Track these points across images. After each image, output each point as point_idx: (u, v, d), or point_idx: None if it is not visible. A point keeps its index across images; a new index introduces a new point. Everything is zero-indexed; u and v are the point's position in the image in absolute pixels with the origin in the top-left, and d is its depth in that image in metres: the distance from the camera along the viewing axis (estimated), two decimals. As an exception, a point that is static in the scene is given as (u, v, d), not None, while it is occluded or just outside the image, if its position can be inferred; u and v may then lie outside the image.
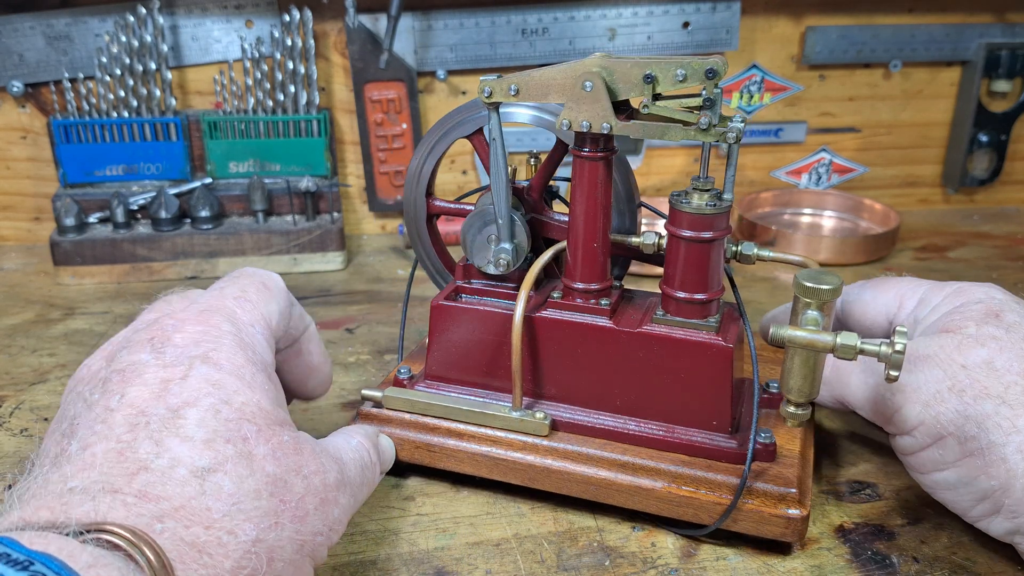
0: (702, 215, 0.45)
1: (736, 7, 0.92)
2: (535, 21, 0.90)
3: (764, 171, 1.03)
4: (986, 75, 0.98)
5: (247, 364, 0.39)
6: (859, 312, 0.53)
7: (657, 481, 0.47)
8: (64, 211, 0.83)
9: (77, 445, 0.34)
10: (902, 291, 0.51)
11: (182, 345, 0.38)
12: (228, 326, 0.40)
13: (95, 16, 0.85)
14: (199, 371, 0.37)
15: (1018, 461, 0.41)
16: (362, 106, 0.91)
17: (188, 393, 0.36)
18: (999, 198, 1.07)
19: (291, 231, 0.86)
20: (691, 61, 0.42)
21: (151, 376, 0.37)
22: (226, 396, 0.37)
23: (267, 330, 0.42)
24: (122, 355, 0.38)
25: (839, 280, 0.42)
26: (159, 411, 0.35)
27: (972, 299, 0.47)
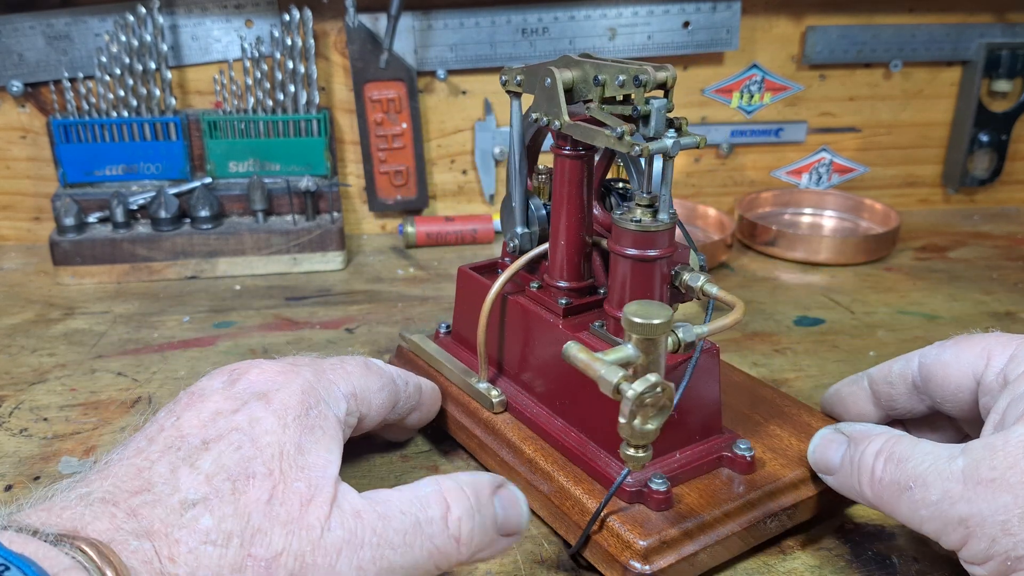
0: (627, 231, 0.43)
1: (736, 7, 0.92)
2: (535, 21, 0.90)
3: (764, 171, 1.03)
4: (986, 75, 0.98)
5: (298, 407, 0.39)
6: (940, 375, 0.45)
7: (546, 487, 0.47)
8: (64, 211, 0.83)
9: (118, 455, 0.37)
10: (989, 346, 0.44)
11: (254, 382, 0.40)
12: (308, 374, 0.41)
13: (95, 16, 0.85)
14: (250, 407, 0.38)
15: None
16: (362, 106, 0.91)
17: (226, 427, 0.37)
18: (999, 198, 1.07)
19: (291, 231, 0.86)
20: (640, 68, 0.41)
21: (210, 405, 0.38)
22: (255, 434, 0.37)
23: (351, 396, 0.43)
24: (203, 379, 0.41)
25: (669, 314, 0.38)
26: (195, 441, 0.36)
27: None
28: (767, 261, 0.90)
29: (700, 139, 0.42)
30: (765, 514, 0.45)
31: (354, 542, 0.35)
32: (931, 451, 0.39)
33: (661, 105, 0.41)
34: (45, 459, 0.55)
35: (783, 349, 0.70)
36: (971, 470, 0.37)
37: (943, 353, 0.46)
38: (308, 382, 0.41)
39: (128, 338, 0.72)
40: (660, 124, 0.41)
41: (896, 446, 0.41)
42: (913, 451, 0.40)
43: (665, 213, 0.43)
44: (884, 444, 0.41)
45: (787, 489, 0.46)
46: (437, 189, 0.98)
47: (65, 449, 0.56)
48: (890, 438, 0.41)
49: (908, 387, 0.48)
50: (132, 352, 0.70)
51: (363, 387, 0.44)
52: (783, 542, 0.47)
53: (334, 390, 0.42)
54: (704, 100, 0.98)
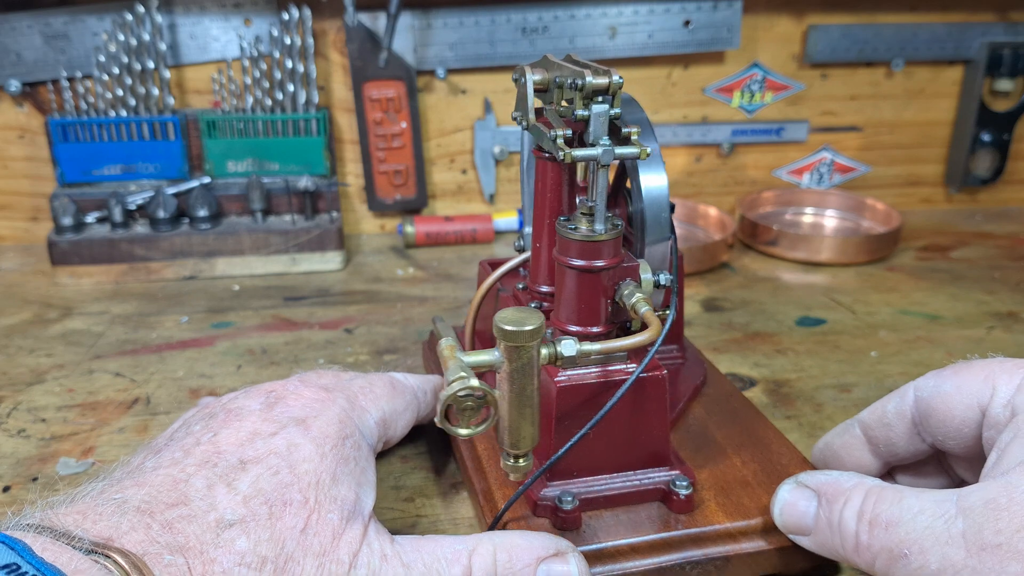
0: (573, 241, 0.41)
1: (738, 5, 0.91)
2: (535, 19, 0.90)
3: (766, 170, 1.02)
4: (988, 74, 0.98)
5: (335, 438, 0.39)
6: (943, 410, 0.40)
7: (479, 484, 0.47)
8: (62, 211, 0.83)
9: (152, 463, 0.37)
10: (994, 373, 0.39)
11: (292, 406, 0.40)
12: (343, 402, 0.42)
13: (93, 15, 0.85)
14: (288, 432, 0.38)
15: None
16: (361, 105, 0.91)
17: (264, 450, 0.37)
18: (1002, 198, 1.07)
19: (290, 231, 0.86)
20: (581, 72, 0.41)
21: (248, 425, 0.39)
22: (293, 460, 0.37)
23: (381, 423, 0.43)
24: (240, 397, 0.41)
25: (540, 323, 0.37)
26: (232, 459, 0.37)
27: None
28: (768, 261, 0.89)
29: (641, 150, 0.40)
30: (685, 560, 0.41)
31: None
32: (922, 509, 0.34)
33: (601, 111, 0.40)
34: (43, 460, 0.55)
35: (784, 350, 0.69)
36: (973, 534, 0.32)
37: (943, 384, 0.40)
38: (344, 410, 0.41)
39: (126, 338, 0.72)
40: (599, 130, 0.40)
41: (878, 505, 0.35)
42: (901, 511, 0.35)
43: (601, 224, 0.41)
44: (864, 503, 0.36)
45: (720, 538, 0.42)
46: (436, 189, 0.98)
47: (63, 450, 0.55)
48: (868, 493, 0.36)
49: (908, 427, 0.42)
50: (130, 352, 0.69)
51: (391, 411, 0.45)
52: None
53: (367, 418, 0.42)
54: (705, 99, 0.98)
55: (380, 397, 0.45)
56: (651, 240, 0.46)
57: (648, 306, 0.41)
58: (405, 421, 0.46)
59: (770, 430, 0.50)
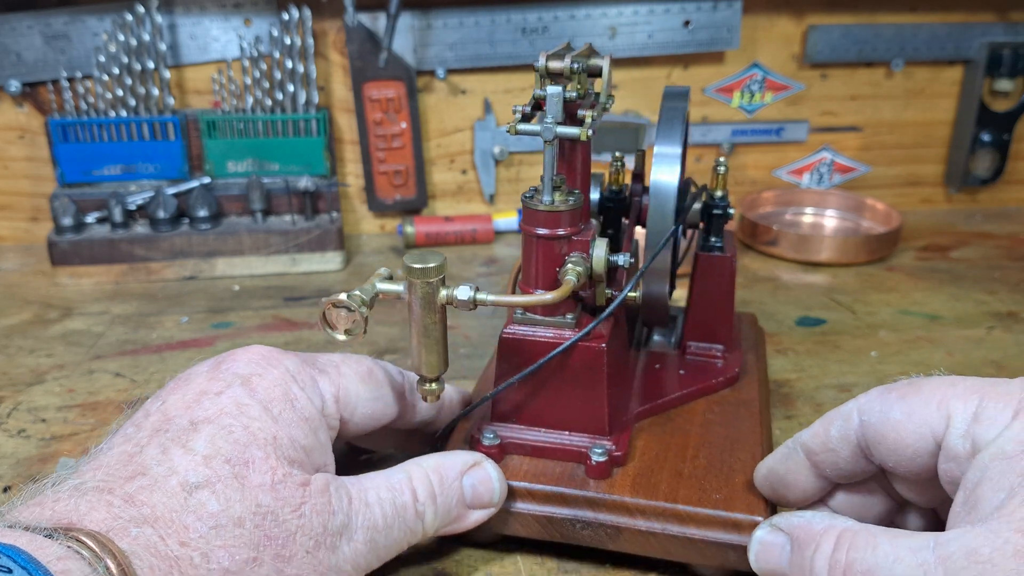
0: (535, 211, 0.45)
1: (737, 5, 0.91)
2: (535, 19, 0.90)
3: (766, 170, 1.02)
4: (988, 74, 0.98)
5: (283, 400, 0.39)
6: (892, 438, 0.37)
7: None
8: (62, 211, 0.83)
9: (107, 445, 0.37)
10: (947, 400, 0.36)
11: (237, 362, 0.40)
12: (290, 363, 0.41)
13: (93, 15, 0.85)
14: (233, 391, 0.38)
15: None
16: (361, 105, 0.91)
17: (213, 409, 0.37)
18: (1002, 198, 1.07)
19: (290, 231, 0.86)
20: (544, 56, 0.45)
21: (194, 387, 0.38)
22: (245, 421, 0.37)
23: (334, 398, 0.42)
24: (196, 363, 0.41)
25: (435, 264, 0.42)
26: (182, 422, 0.36)
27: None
28: (768, 261, 0.89)
29: (581, 131, 0.43)
30: (575, 517, 0.44)
31: (351, 526, 0.38)
32: (898, 558, 0.32)
33: (554, 92, 0.43)
34: (43, 460, 0.55)
35: (784, 350, 0.69)
36: (950, 561, 0.30)
37: (891, 411, 0.37)
38: (288, 372, 0.40)
39: (126, 339, 0.72)
40: (554, 110, 0.43)
41: (852, 552, 0.33)
42: (877, 559, 0.32)
43: (548, 196, 0.44)
44: (835, 550, 0.34)
45: (616, 508, 0.44)
46: (436, 189, 0.98)
47: (63, 450, 0.55)
48: (840, 538, 0.34)
49: (853, 450, 0.39)
50: (130, 353, 0.69)
51: (351, 392, 0.43)
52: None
53: (318, 386, 0.41)
54: (705, 99, 0.98)
55: (344, 375, 0.43)
56: (653, 228, 0.49)
57: (573, 276, 0.44)
58: (368, 411, 0.44)
59: (753, 439, 0.49)
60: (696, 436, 0.50)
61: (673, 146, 0.49)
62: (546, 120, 0.43)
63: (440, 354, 0.44)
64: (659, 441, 0.49)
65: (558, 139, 0.43)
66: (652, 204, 0.49)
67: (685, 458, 0.48)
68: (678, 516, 0.44)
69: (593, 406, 0.47)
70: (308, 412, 0.39)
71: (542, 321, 0.47)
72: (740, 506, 0.43)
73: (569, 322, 0.46)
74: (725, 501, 0.44)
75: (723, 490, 0.45)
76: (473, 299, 0.43)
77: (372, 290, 0.43)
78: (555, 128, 0.43)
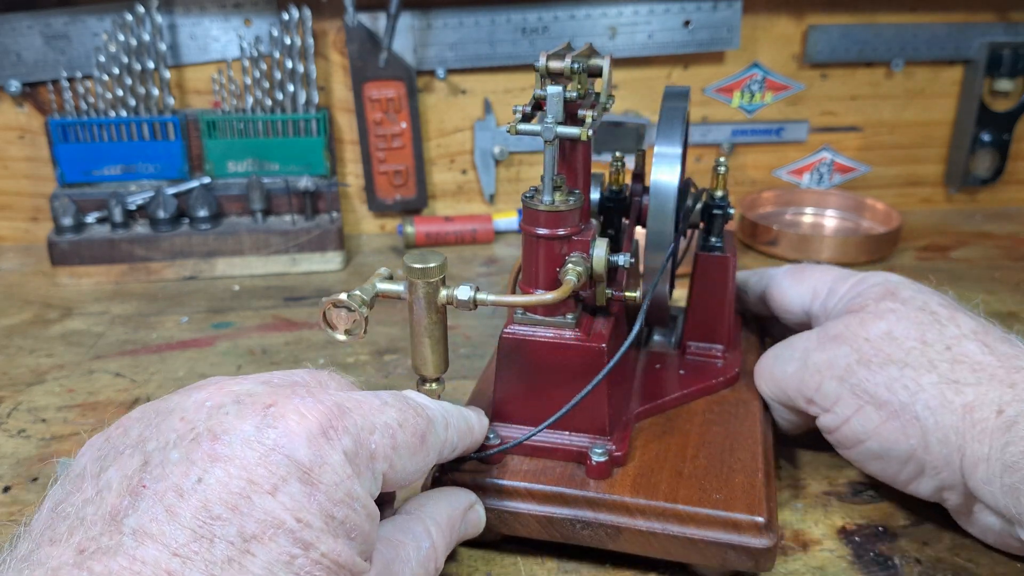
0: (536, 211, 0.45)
1: (737, 5, 0.91)
2: (535, 19, 0.90)
3: (766, 170, 1.02)
4: (988, 74, 0.98)
5: (344, 503, 0.33)
6: (778, 297, 0.58)
7: None
8: (62, 211, 0.83)
9: (132, 526, 0.29)
10: (815, 283, 0.56)
11: (293, 441, 0.32)
12: (347, 441, 0.34)
13: (93, 15, 0.85)
14: (291, 491, 0.31)
15: (927, 417, 0.44)
16: (361, 105, 0.91)
17: (267, 522, 0.30)
18: (1002, 198, 1.07)
19: (290, 231, 0.86)
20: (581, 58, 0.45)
21: (238, 469, 0.31)
22: (307, 539, 0.31)
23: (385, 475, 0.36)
24: (228, 411, 0.33)
25: (436, 264, 0.42)
26: (229, 532, 0.30)
27: (871, 283, 0.52)
28: (768, 261, 0.89)
29: (582, 131, 0.43)
30: (575, 517, 0.44)
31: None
32: (797, 335, 0.54)
33: (555, 92, 0.43)
34: (43, 460, 0.55)
35: (784, 349, 0.69)
36: (821, 333, 0.51)
37: (784, 280, 0.58)
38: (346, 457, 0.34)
39: (126, 339, 0.72)
40: (555, 110, 0.43)
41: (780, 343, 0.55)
42: (787, 339, 0.54)
43: (548, 196, 0.44)
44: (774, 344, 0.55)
45: (616, 508, 0.44)
46: (436, 189, 0.98)
47: (63, 450, 0.55)
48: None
49: (756, 298, 0.61)
50: (130, 353, 0.69)
51: (398, 470, 0.37)
52: (783, 542, 0.47)
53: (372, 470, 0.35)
54: (705, 99, 0.98)
55: (398, 450, 0.37)
56: (653, 228, 0.49)
57: (573, 276, 0.44)
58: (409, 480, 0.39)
59: (752, 439, 0.49)
60: (696, 436, 0.50)
61: (673, 146, 0.49)
62: (546, 120, 0.43)
63: (440, 354, 0.45)
64: (659, 441, 0.49)
65: (558, 139, 0.43)
66: (652, 204, 0.49)
67: (685, 458, 0.48)
68: (678, 516, 0.44)
69: (593, 406, 0.47)
70: (368, 507, 0.34)
71: (542, 321, 0.47)
72: (740, 506, 0.43)
73: (569, 322, 0.46)
74: (725, 501, 0.44)
75: (723, 490, 0.45)
76: (473, 299, 0.43)
77: (372, 290, 0.43)
78: (555, 128, 0.43)
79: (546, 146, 0.44)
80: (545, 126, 0.43)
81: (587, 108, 0.44)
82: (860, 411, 0.47)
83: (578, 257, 0.45)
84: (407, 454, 0.37)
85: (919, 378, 0.45)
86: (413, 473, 0.38)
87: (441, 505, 0.42)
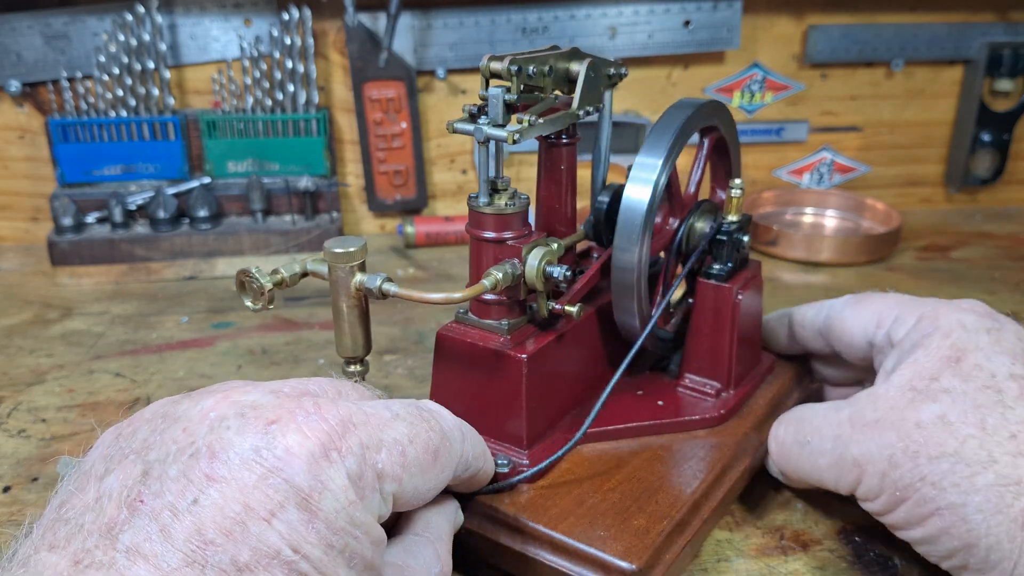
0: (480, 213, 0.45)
1: (737, 5, 0.91)
2: (535, 19, 0.90)
3: (766, 170, 1.02)
4: (989, 74, 0.98)
5: (344, 532, 0.31)
6: (839, 330, 0.52)
7: None
8: (62, 211, 0.83)
9: (126, 543, 0.29)
10: (879, 309, 0.50)
11: (293, 455, 0.31)
12: (351, 462, 0.32)
13: (93, 15, 0.85)
14: (288, 518, 0.30)
15: (979, 522, 0.39)
16: (361, 105, 0.91)
17: (261, 551, 0.29)
18: (1002, 198, 1.07)
19: (290, 231, 0.86)
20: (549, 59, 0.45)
21: (235, 492, 0.30)
22: (302, 572, 0.30)
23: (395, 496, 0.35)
24: (229, 425, 0.32)
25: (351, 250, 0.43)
26: (222, 559, 0.29)
27: (941, 331, 0.45)
28: (768, 261, 0.89)
29: (508, 135, 0.42)
30: (463, 525, 0.43)
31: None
32: (825, 410, 0.46)
33: (495, 93, 0.43)
34: (43, 460, 0.55)
35: (785, 349, 0.69)
36: (857, 416, 0.44)
37: (844, 310, 0.52)
38: (349, 478, 0.32)
39: (126, 339, 0.72)
40: (495, 111, 0.43)
41: (796, 411, 0.48)
42: (811, 412, 0.47)
43: (484, 197, 0.45)
44: (787, 413, 0.49)
45: (498, 523, 0.43)
46: (436, 189, 0.98)
47: (63, 450, 0.55)
48: (795, 408, 0.49)
49: (815, 333, 0.54)
50: (130, 353, 0.69)
51: (408, 490, 0.35)
52: (784, 542, 0.47)
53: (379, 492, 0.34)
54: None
55: (408, 467, 0.35)
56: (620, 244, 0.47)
57: (488, 280, 0.43)
58: (422, 501, 0.37)
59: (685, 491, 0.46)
60: (630, 471, 0.47)
61: (653, 158, 0.47)
62: (482, 121, 0.43)
63: (356, 337, 0.45)
64: (590, 466, 0.47)
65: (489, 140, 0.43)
66: (620, 221, 0.47)
67: (600, 490, 0.45)
68: (553, 544, 0.42)
69: (512, 416, 0.46)
70: (372, 533, 0.33)
71: (478, 324, 0.47)
72: (617, 549, 0.41)
73: (502, 328, 0.46)
74: (604, 540, 0.41)
75: (612, 529, 0.42)
76: (379, 288, 0.43)
77: (295, 268, 0.45)
78: (484, 129, 0.43)
79: (479, 147, 0.43)
80: (476, 127, 0.43)
81: (537, 113, 0.43)
82: (904, 504, 0.41)
83: (510, 263, 0.44)
84: (418, 472, 0.35)
85: (974, 476, 0.39)
86: (426, 492, 0.37)
87: (442, 520, 0.40)
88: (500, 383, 0.45)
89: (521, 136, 0.42)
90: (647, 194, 0.46)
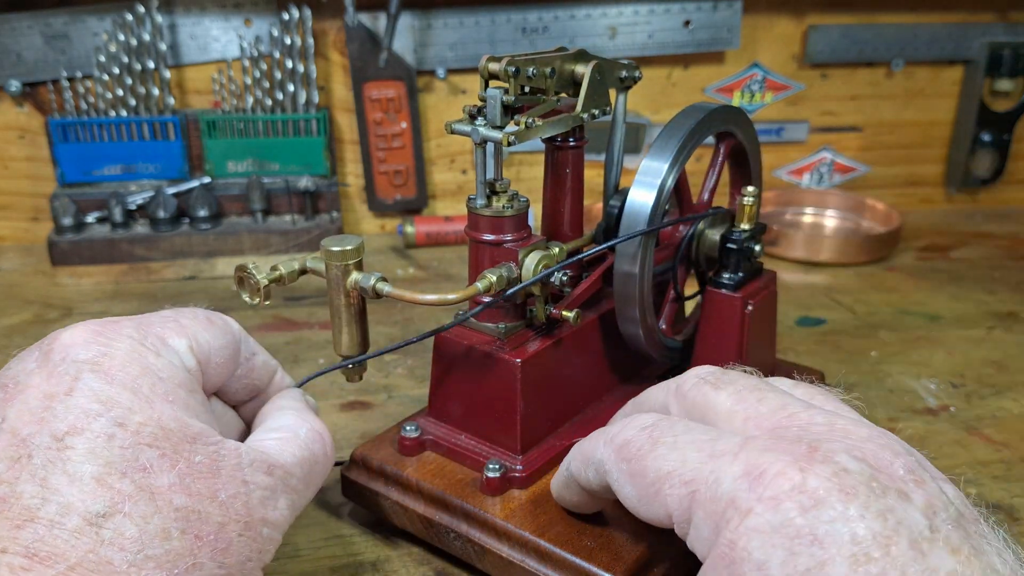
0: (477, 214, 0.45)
1: (737, 6, 0.92)
2: (535, 19, 0.90)
3: (766, 170, 1.02)
4: (989, 74, 0.98)
5: (145, 374, 0.33)
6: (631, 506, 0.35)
7: None
8: (62, 211, 0.83)
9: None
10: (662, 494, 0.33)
11: (71, 348, 0.33)
12: (130, 330, 0.35)
13: (93, 15, 0.85)
14: (86, 383, 0.32)
15: None
16: (361, 105, 0.91)
17: (74, 415, 0.31)
18: (1002, 198, 1.07)
19: (290, 231, 0.86)
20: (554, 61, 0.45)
21: (34, 392, 0.32)
22: (119, 416, 0.31)
23: (192, 349, 0.37)
24: (12, 361, 0.34)
25: (350, 248, 0.44)
26: (43, 440, 0.30)
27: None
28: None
29: (504, 137, 0.41)
30: (451, 527, 0.43)
31: (273, 496, 0.36)
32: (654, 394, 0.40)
33: (494, 94, 0.42)
34: (42, 460, 0.55)
35: (785, 350, 0.69)
36: None
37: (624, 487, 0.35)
38: (134, 340, 0.35)
39: (126, 338, 0.72)
40: (493, 112, 0.42)
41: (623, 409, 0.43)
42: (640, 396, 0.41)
43: (481, 199, 0.44)
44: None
45: (487, 528, 0.43)
46: (437, 189, 0.98)
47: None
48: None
49: (607, 490, 0.37)
50: (130, 353, 0.69)
51: (201, 339, 0.38)
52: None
53: (171, 343, 0.36)
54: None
55: (186, 327, 0.38)
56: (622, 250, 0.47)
57: (482, 282, 0.43)
58: (222, 357, 0.39)
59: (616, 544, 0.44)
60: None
61: (658, 162, 0.47)
62: (479, 123, 0.43)
63: (351, 335, 0.45)
64: None
65: (486, 142, 0.43)
66: (623, 227, 0.47)
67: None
68: (539, 552, 0.41)
69: (507, 421, 0.45)
70: (177, 376, 0.35)
71: (476, 326, 0.46)
72: (601, 559, 0.40)
73: (499, 331, 0.45)
74: (590, 550, 0.41)
75: (599, 539, 0.41)
76: (373, 287, 0.43)
77: (293, 265, 0.45)
78: (481, 130, 0.42)
79: (476, 148, 0.43)
80: (473, 128, 0.43)
81: (539, 115, 0.43)
82: None
83: (506, 266, 0.44)
84: (200, 327, 0.38)
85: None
86: (221, 349, 0.39)
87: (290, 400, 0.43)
88: (495, 386, 0.45)
89: (517, 138, 0.42)
90: (651, 199, 0.46)
